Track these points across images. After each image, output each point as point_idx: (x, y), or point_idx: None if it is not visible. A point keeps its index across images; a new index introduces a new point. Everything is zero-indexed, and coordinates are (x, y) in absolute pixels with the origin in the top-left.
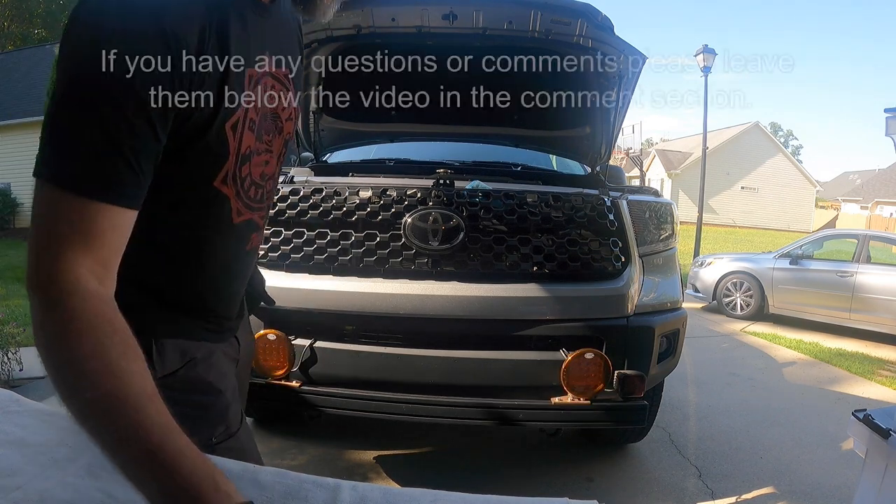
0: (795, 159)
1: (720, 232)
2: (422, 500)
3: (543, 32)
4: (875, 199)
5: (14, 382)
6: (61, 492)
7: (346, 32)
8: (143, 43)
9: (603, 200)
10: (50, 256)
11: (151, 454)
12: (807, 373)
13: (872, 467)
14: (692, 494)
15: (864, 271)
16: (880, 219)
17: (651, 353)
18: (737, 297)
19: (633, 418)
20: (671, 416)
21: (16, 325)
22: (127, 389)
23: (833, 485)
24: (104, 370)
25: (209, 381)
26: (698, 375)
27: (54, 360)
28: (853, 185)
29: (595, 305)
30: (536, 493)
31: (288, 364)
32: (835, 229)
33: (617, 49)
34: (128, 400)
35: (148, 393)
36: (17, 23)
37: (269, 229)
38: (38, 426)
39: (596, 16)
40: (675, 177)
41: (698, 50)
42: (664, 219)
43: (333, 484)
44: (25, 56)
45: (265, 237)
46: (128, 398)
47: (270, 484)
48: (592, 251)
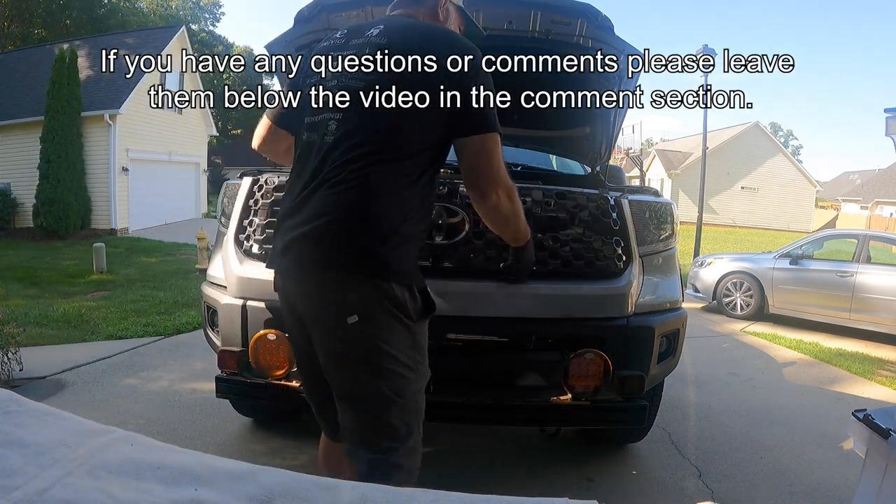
0: (795, 159)
1: (720, 232)
2: (422, 500)
3: (543, 32)
4: (875, 199)
5: (14, 382)
6: (61, 492)
7: None
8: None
9: (606, 199)
10: (503, 171)
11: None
12: (807, 373)
13: (872, 467)
14: (692, 494)
15: (864, 271)
16: (880, 219)
17: (651, 353)
18: (737, 297)
19: (633, 418)
20: (671, 416)
21: (16, 325)
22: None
23: (833, 485)
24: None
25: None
26: (698, 375)
27: (518, 218)
28: (853, 185)
29: (596, 305)
30: (536, 493)
31: (288, 364)
32: (835, 229)
33: (617, 49)
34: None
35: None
36: (17, 23)
37: (263, 220)
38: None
39: (596, 16)
40: (675, 177)
41: (698, 49)
42: (664, 219)
43: (333, 484)
44: (25, 56)
45: (260, 228)
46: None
47: (270, 484)
48: (595, 250)
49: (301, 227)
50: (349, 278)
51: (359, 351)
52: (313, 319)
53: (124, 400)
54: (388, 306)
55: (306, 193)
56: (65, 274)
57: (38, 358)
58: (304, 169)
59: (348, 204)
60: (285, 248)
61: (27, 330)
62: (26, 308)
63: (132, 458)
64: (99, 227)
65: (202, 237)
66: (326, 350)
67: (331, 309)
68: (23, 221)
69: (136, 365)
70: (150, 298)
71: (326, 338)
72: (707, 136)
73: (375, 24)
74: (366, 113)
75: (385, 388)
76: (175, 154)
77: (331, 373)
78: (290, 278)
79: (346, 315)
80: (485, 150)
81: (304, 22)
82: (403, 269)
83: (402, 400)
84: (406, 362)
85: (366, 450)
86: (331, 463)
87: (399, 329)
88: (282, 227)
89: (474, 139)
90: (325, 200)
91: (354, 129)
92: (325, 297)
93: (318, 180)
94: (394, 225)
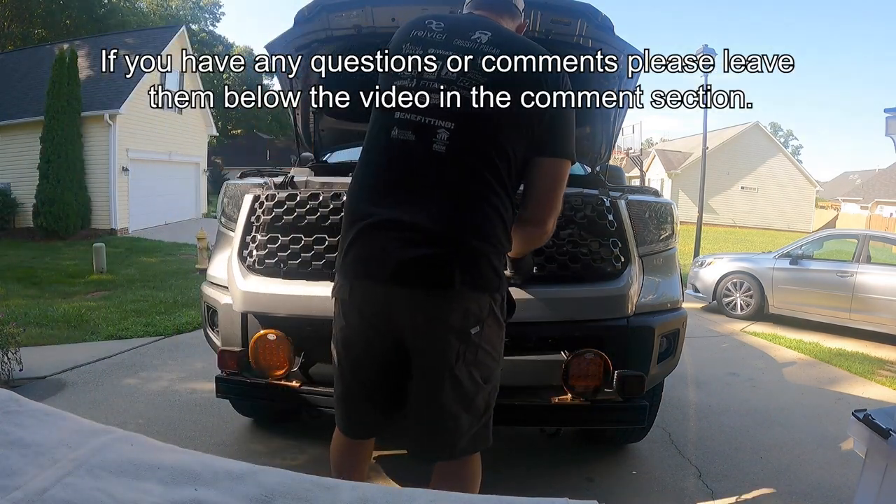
0: (795, 159)
1: (720, 232)
2: (422, 499)
3: (543, 32)
4: (875, 199)
5: (14, 382)
6: (61, 492)
7: (346, 32)
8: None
9: (602, 201)
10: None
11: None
12: (807, 373)
13: (872, 467)
14: (692, 494)
15: (864, 271)
16: (880, 219)
17: (651, 353)
18: (737, 297)
19: (633, 418)
20: (671, 416)
21: (16, 325)
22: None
23: (833, 485)
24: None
25: None
26: (698, 375)
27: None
28: (853, 185)
29: (595, 306)
30: (536, 493)
31: (288, 364)
32: (835, 229)
33: (617, 49)
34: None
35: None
36: (17, 23)
37: (265, 236)
38: (38, 426)
39: (596, 16)
40: (675, 177)
41: (698, 49)
42: (664, 219)
43: (333, 484)
44: (25, 56)
45: (262, 244)
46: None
47: (270, 484)
48: (592, 252)
49: (403, 232)
50: (472, 293)
51: (470, 355)
52: (422, 332)
53: (124, 400)
54: (497, 314)
55: (403, 196)
56: (65, 274)
57: (38, 358)
58: (396, 168)
59: (462, 216)
60: (380, 252)
61: (27, 330)
62: (26, 308)
63: (132, 458)
64: (99, 227)
65: (202, 237)
66: (442, 359)
67: (452, 322)
68: (23, 221)
69: (136, 365)
70: (150, 298)
71: (445, 348)
72: (707, 136)
73: (479, 26)
74: (478, 125)
75: (478, 377)
76: (175, 154)
77: (433, 382)
78: (391, 291)
79: (470, 327)
80: (558, 176)
81: (304, 22)
82: (504, 280)
83: (491, 384)
84: (497, 358)
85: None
86: (353, 464)
87: (499, 332)
88: (364, 227)
89: (553, 161)
90: (438, 209)
91: (467, 140)
92: (442, 310)
93: (425, 186)
94: (499, 238)
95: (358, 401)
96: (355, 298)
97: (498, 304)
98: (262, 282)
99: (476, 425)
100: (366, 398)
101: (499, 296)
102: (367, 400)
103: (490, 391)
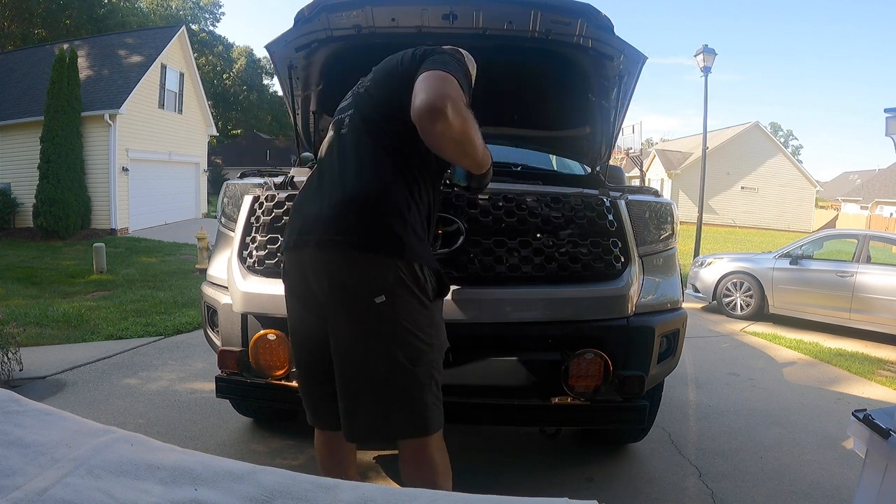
0: (795, 159)
1: (720, 232)
2: (421, 499)
3: (543, 32)
4: (875, 199)
5: (14, 382)
6: (61, 492)
7: (346, 32)
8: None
9: (602, 201)
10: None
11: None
12: (807, 373)
13: (872, 467)
14: (692, 494)
15: (864, 271)
16: (880, 219)
17: (651, 354)
18: (737, 297)
19: (633, 418)
20: (671, 416)
21: (16, 325)
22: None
23: (833, 485)
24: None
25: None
26: (698, 375)
27: (473, 143)
28: (853, 185)
29: (595, 306)
30: (536, 493)
31: (288, 364)
32: (835, 229)
33: (617, 49)
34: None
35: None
36: (17, 23)
37: (265, 236)
38: (38, 426)
39: (596, 16)
40: (675, 177)
41: (698, 50)
42: (664, 219)
43: (333, 484)
44: (25, 56)
45: (262, 244)
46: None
47: (270, 484)
48: (592, 252)
49: (319, 208)
50: (373, 257)
51: (385, 329)
52: (337, 300)
53: (124, 400)
54: (409, 286)
55: (321, 179)
56: (65, 274)
57: (38, 358)
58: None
59: (363, 186)
60: (304, 229)
61: (27, 330)
62: (26, 308)
63: (132, 458)
64: (99, 227)
65: (202, 237)
66: (350, 330)
67: (358, 289)
68: (23, 221)
69: (136, 365)
70: (150, 298)
71: (352, 317)
72: (707, 136)
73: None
74: (361, 103)
75: (403, 359)
76: (175, 154)
77: (348, 354)
78: (307, 258)
79: (374, 295)
80: (429, 76)
81: (304, 22)
82: (419, 252)
83: (417, 369)
84: (425, 339)
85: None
86: (335, 458)
87: (420, 309)
88: (299, 209)
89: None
90: (342, 184)
91: (356, 118)
92: (351, 278)
93: (340, 161)
94: (397, 200)
95: (313, 387)
96: (287, 272)
97: (408, 276)
98: (262, 282)
99: (403, 409)
100: (318, 383)
101: (406, 265)
102: (319, 385)
103: (422, 375)
